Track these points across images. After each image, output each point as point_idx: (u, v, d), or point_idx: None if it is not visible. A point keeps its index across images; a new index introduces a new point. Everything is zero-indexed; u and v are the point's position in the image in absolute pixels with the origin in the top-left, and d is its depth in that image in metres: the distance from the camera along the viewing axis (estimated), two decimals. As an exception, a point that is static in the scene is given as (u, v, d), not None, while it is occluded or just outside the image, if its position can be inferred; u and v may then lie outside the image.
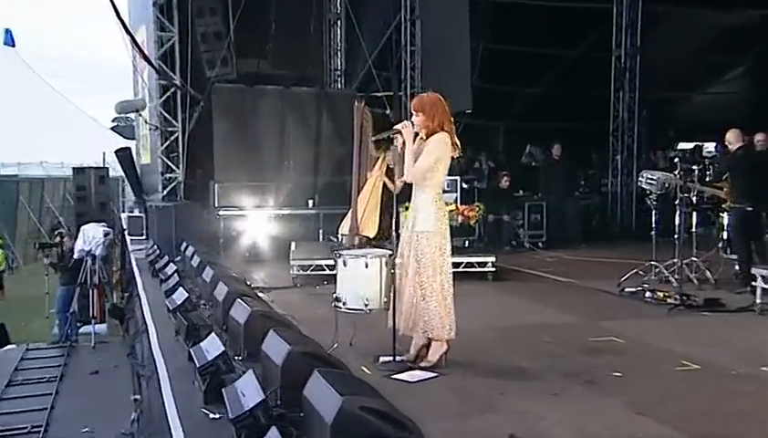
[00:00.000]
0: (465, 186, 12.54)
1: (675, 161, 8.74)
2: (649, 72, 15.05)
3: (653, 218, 8.94)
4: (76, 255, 11.56)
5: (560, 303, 8.12)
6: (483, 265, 9.43)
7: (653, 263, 8.78)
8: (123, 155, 14.11)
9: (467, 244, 10.64)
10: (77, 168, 15.45)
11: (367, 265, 5.56)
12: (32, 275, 17.87)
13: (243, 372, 4.56)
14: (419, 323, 5.31)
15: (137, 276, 9.70)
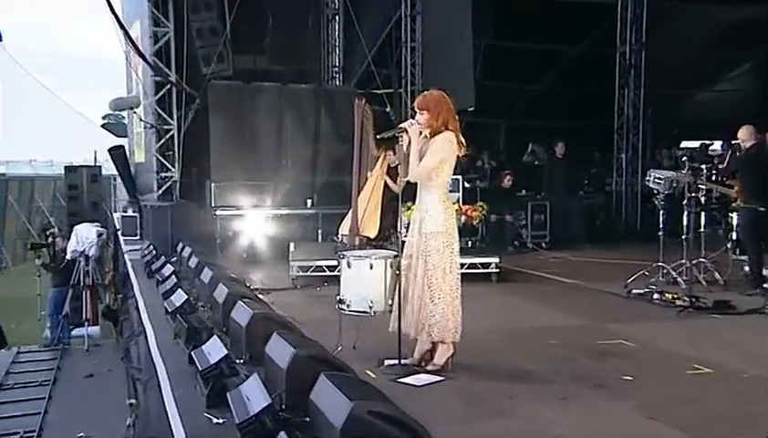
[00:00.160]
0: (467, 185, 12.55)
1: (683, 159, 8.73)
2: (654, 69, 15.05)
3: (660, 218, 8.93)
4: (68, 256, 11.56)
5: (566, 305, 8.13)
6: (487, 266, 9.43)
7: (660, 264, 8.78)
8: (117, 153, 14.11)
9: (470, 244, 10.66)
10: (68, 166, 15.47)
11: (371, 267, 5.57)
12: (22, 275, 17.87)
13: (246, 376, 4.57)
14: (425, 326, 5.31)
15: (132, 278, 9.68)
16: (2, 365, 10.07)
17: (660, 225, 8.90)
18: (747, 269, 8.56)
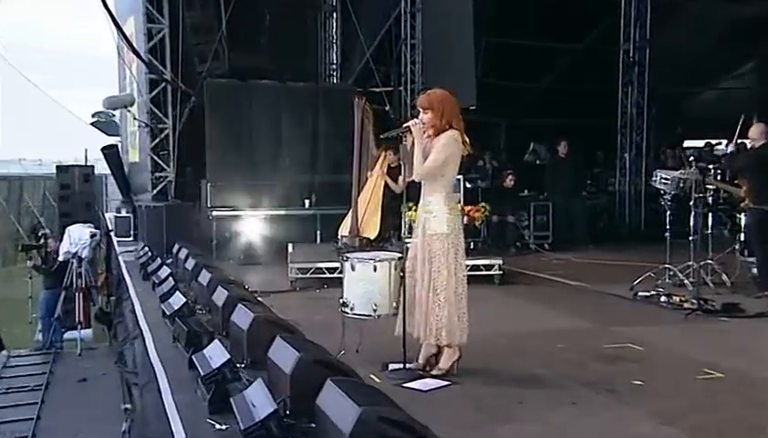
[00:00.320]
0: (469, 186, 12.52)
1: (690, 159, 8.71)
2: (657, 66, 15.03)
3: (667, 219, 8.91)
4: (61, 258, 11.49)
5: (571, 307, 8.11)
6: (490, 267, 9.41)
7: (667, 265, 8.76)
8: (110, 153, 14.07)
9: (472, 246, 10.62)
10: (60, 166, 15.41)
11: (375, 269, 5.53)
12: (11, 277, 17.77)
13: (249, 381, 4.55)
14: (432, 329, 5.29)
15: (127, 280, 9.65)
16: (-7, 369, 10.04)
17: (667, 226, 8.87)
18: (755, 271, 8.54)
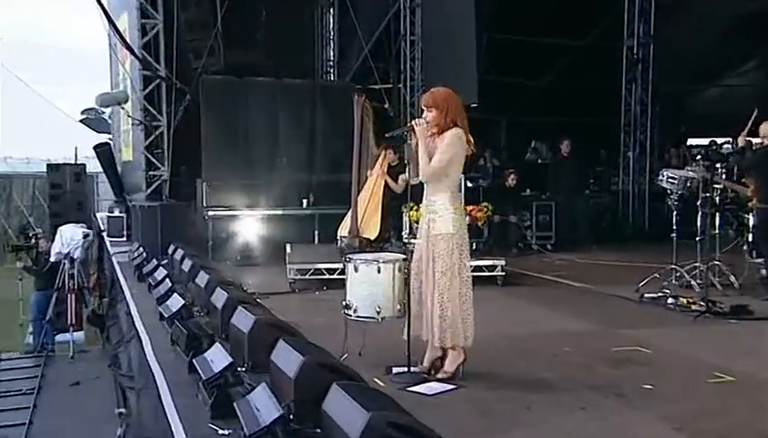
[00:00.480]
0: (470, 185, 12.51)
1: (698, 158, 8.72)
2: (660, 63, 15.04)
3: (673, 219, 8.91)
4: (52, 259, 11.48)
5: (576, 309, 8.10)
6: (493, 268, 9.40)
7: (674, 266, 8.77)
8: (102, 151, 14.06)
9: (474, 246, 10.61)
10: (51, 164, 15.36)
11: (379, 271, 5.52)
12: (1, 278, 17.71)
13: (251, 385, 4.54)
14: (437, 332, 5.28)
15: (122, 281, 9.63)
16: (-18, 373, 10.03)
17: (674, 227, 8.87)
18: (764, 272, 8.56)
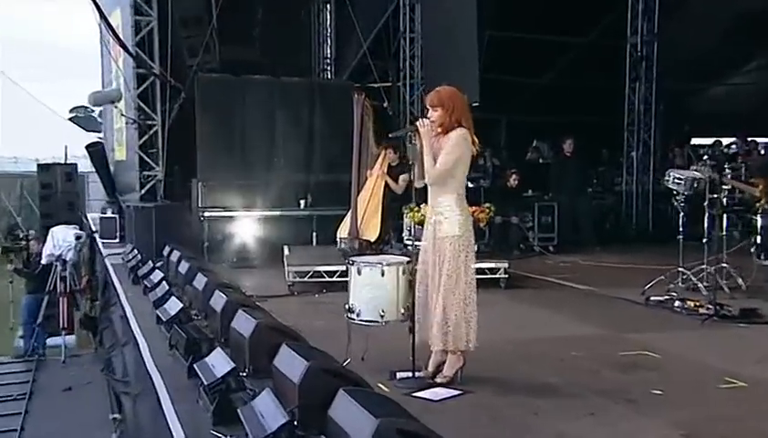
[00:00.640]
0: (471, 185, 12.50)
1: (705, 158, 8.73)
2: (663, 62, 15.05)
3: (680, 221, 8.91)
4: (44, 261, 11.46)
5: (581, 313, 8.10)
6: (495, 271, 9.39)
7: (681, 269, 8.78)
8: (95, 150, 14.04)
9: (476, 248, 10.60)
10: (42, 164, 15.33)
11: (383, 274, 5.51)
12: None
13: (253, 390, 4.54)
14: (440, 335, 5.28)
15: (116, 284, 9.61)
16: (-29, 378, 10.00)
17: (680, 228, 8.87)
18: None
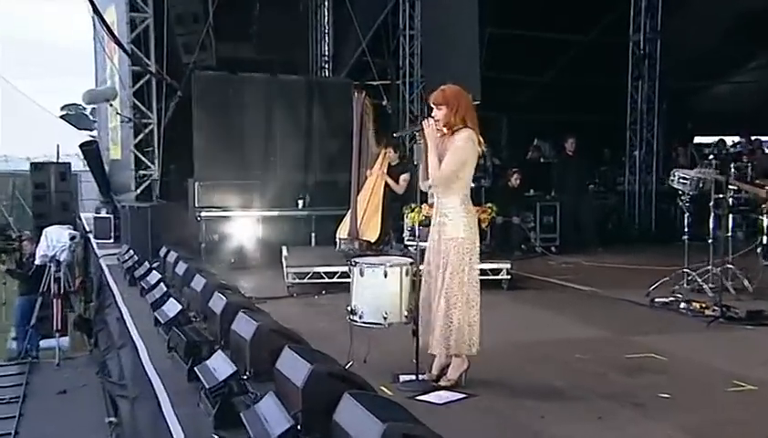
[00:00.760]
0: (472, 185, 12.46)
1: (710, 157, 8.72)
2: (666, 59, 15.04)
3: (685, 221, 8.93)
4: (38, 261, 11.44)
5: (585, 315, 8.10)
6: (498, 272, 9.38)
7: (686, 270, 8.78)
8: (89, 149, 14.01)
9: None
10: (35, 163, 15.30)
11: (386, 275, 5.51)
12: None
13: (255, 394, 4.53)
14: (443, 338, 5.28)
15: (112, 285, 9.59)
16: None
17: (685, 229, 8.88)
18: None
